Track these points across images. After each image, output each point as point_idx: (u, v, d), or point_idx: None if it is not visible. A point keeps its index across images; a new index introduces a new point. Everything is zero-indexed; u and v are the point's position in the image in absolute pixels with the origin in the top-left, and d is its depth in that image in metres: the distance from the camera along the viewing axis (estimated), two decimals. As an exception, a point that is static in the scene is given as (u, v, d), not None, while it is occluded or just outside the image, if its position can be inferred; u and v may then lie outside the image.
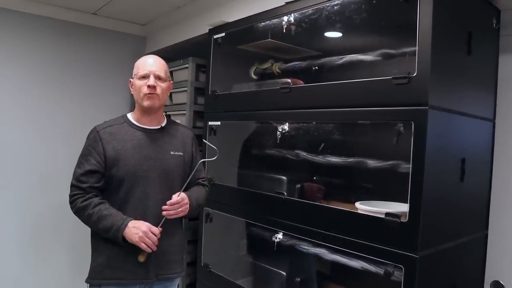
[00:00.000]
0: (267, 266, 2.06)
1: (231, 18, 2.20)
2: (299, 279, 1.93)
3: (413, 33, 1.36)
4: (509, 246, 1.68)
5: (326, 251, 1.63)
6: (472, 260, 1.70)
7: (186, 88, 2.64)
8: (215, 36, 2.27)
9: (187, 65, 2.64)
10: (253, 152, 2.26)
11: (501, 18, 1.71)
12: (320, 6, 1.74)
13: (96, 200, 1.62)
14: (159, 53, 3.25)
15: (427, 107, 1.31)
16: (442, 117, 1.41)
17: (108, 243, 1.64)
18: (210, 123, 2.25)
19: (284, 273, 1.95)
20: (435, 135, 1.35)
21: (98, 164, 1.64)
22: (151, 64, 1.72)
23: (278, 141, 1.92)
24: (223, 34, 2.22)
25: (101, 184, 1.65)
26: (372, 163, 1.63)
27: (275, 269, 2.00)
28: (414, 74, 1.35)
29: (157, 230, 1.60)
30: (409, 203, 1.34)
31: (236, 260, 2.32)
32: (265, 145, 2.11)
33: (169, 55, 2.97)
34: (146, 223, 1.59)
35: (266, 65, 2.20)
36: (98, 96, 3.09)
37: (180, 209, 1.65)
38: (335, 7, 1.72)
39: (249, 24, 2.09)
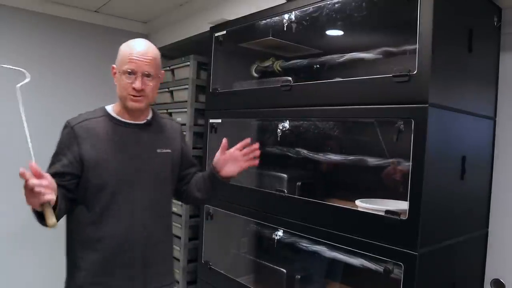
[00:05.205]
0: (267, 264, 2.07)
1: (232, 16, 2.20)
2: (299, 277, 1.93)
3: (413, 31, 1.36)
4: (510, 245, 1.68)
5: (326, 249, 1.63)
6: (472, 258, 1.70)
7: (187, 86, 2.64)
8: (216, 34, 2.27)
9: (188, 63, 2.64)
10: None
11: (502, 16, 1.71)
12: (321, 4, 1.74)
13: None
14: (160, 51, 3.27)
15: (427, 105, 1.31)
16: (443, 115, 1.41)
17: (89, 257, 1.43)
18: (211, 120, 2.25)
19: (284, 271, 1.95)
20: (435, 133, 1.35)
21: (70, 164, 1.40)
22: (139, 56, 1.41)
23: (278, 139, 1.92)
24: (224, 32, 2.23)
25: (68, 183, 1.40)
26: (372, 161, 1.63)
27: (276, 267, 2.00)
28: (415, 72, 1.35)
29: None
30: (409, 200, 1.34)
31: (237, 257, 2.32)
32: (266, 143, 2.11)
33: (171, 52, 2.98)
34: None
35: (267, 63, 2.21)
36: (100, 94, 3.08)
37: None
38: (336, 5, 1.72)
39: (250, 22, 2.09)
